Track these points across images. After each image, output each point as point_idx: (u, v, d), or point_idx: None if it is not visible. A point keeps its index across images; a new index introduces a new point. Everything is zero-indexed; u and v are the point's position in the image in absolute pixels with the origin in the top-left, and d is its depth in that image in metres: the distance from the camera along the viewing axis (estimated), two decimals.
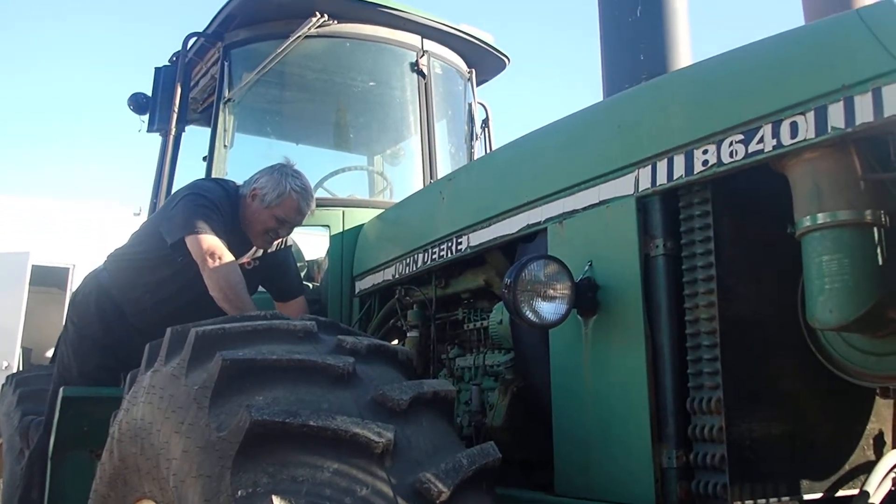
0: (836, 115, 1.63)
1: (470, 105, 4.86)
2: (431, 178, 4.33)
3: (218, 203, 3.21)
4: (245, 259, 3.37)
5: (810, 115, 1.68)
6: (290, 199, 3.30)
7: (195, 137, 4.82)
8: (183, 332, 2.04)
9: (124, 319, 3.37)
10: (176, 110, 4.24)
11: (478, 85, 5.00)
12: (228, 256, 3.06)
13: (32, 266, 11.09)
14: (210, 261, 2.99)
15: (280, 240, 3.52)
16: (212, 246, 3.03)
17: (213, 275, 3.00)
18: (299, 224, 3.48)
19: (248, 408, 1.61)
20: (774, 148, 1.75)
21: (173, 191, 4.41)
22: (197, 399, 1.76)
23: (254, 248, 3.47)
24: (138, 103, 4.52)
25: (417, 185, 4.37)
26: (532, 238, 2.49)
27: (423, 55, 4.45)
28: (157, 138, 4.70)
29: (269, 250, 3.53)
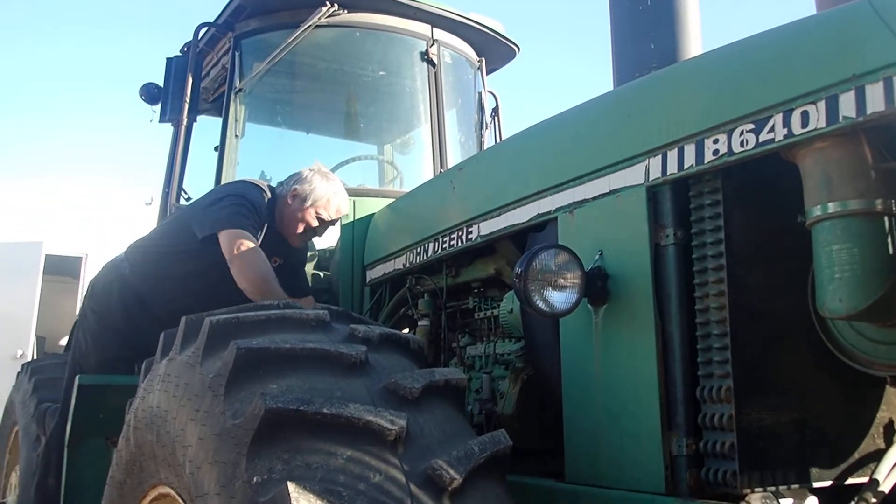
0: (847, 105, 1.63)
1: (480, 94, 4.86)
2: (441, 168, 4.34)
3: (256, 203, 3.26)
4: (275, 258, 3.40)
5: (821, 105, 1.68)
6: (334, 199, 3.42)
7: (207, 127, 4.84)
8: (197, 321, 2.06)
9: (146, 310, 3.40)
10: (187, 101, 4.27)
11: (488, 74, 4.99)
12: (257, 250, 3.09)
13: (46, 255, 11.16)
14: (238, 254, 3.02)
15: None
16: (242, 241, 3.07)
17: (241, 268, 3.02)
18: (334, 224, 3.58)
19: (262, 396, 1.63)
20: (785, 137, 1.75)
21: (185, 181, 4.45)
22: (212, 387, 1.79)
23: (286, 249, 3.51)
24: (150, 94, 4.54)
25: (427, 174, 4.39)
26: (542, 227, 2.50)
27: (432, 44, 4.45)
28: (169, 128, 4.74)
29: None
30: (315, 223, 3.41)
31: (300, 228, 3.41)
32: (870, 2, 1.66)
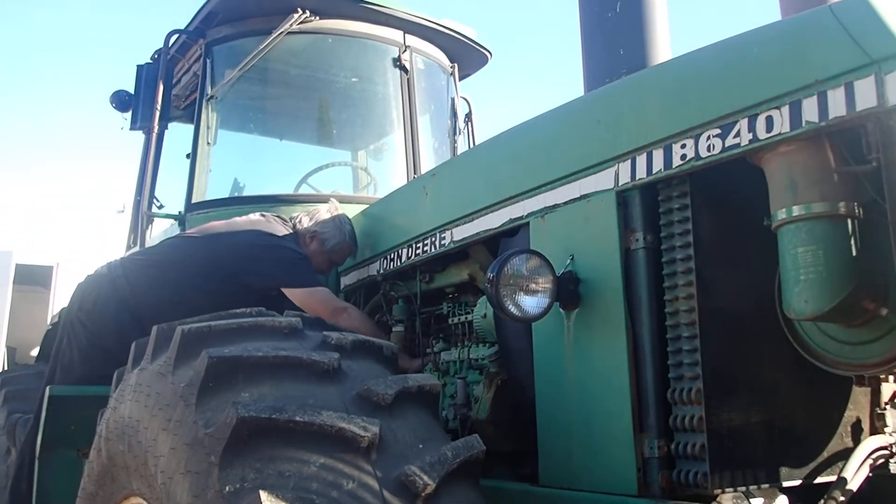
0: (810, 110, 1.66)
1: (453, 100, 4.88)
2: (415, 173, 4.35)
3: (299, 250, 3.46)
4: None
5: (785, 110, 1.71)
6: (346, 245, 3.59)
7: (178, 135, 4.82)
8: (169, 330, 2.05)
9: (144, 333, 3.35)
10: (158, 108, 4.24)
11: (460, 79, 5.02)
12: (352, 308, 3.36)
13: (16, 265, 10.99)
14: (336, 318, 3.13)
15: None
16: (333, 302, 3.33)
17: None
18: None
19: (234, 404, 1.62)
20: (751, 142, 1.78)
21: (157, 189, 4.41)
22: (184, 396, 1.78)
23: None
24: (121, 101, 4.51)
25: (401, 180, 4.39)
26: (515, 232, 2.51)
27: (405, 50, 4.47)
28: (140, 136, 4.70)
29: None
30: (326, 266, 3.63)
31: (315, 265, 3.55)
32: (831, 9, 1.70)
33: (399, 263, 3.16)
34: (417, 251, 3.02)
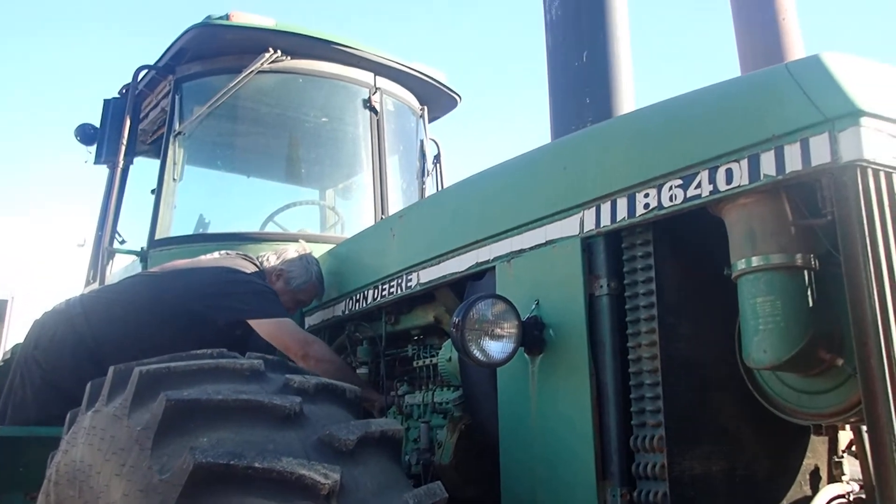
0: (767, 164, 1.71)
1: (422, 141, 4.92)
2: (383, 213, 4.36)
3: (269, 288, 3.43)
4: None
5: (744, 163, 1.75)
6: (313, 285, 3.57)
7: (143, 169, 4.78)
8: (126, 370, 2.01)
9: (101, 373, 3.27)
10: (125, 143, 4.20)
11: (430, 122, 5.07)
12: (321, 341, 3.32)
13: None
14: (305, 350, 3.14)
15: None
16: (302, 334, 3.30)
17: (316, 365, 3.07)
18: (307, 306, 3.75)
19: (191, 450, 1.59)
20: (711, 193, 1.82)
21: (119, 223, 4.35)
22: (139, 440, 1.74)
23: None
24: (86, 134, 4.47)
25: (369, 220, 4.40)
26: (481, 276, 2.52)
27: (375, 92, 4.51)
28: (104, 169, 4.65)
29: None
30: (292, 304, 3.59)
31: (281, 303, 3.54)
32: (787, 67, 1.75)
33: (365, 304, 3.15)
34: (383, 292, 3.01)
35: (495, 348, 2.11)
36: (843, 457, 2.12)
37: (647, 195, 1.97)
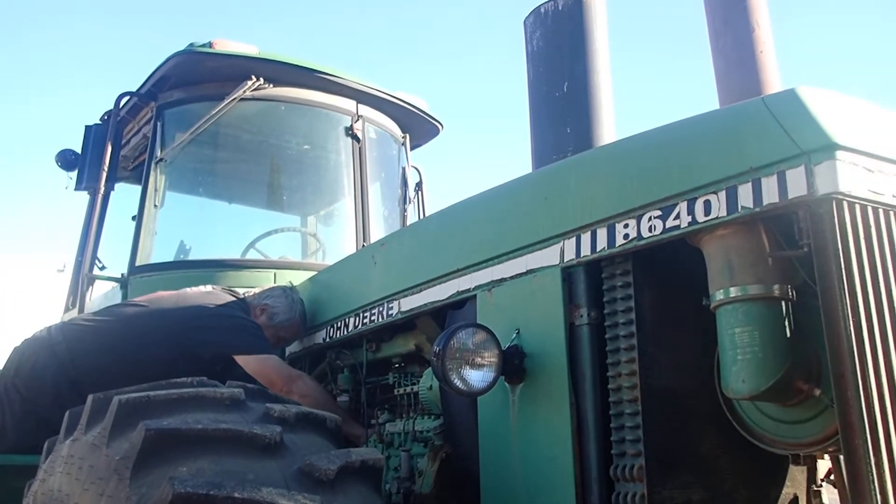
0: (745, 195, 1.74)
1: (403, 169, 4.95)
2: (364, 240, 4.37)
3: (254, 323, 3.42)
4: None
5: (722, 195, 1.78)
6: (295, 323, 3.52)
7: (124, 195, 4.76)
8: (105, 399, 1.99)
9: (81, 401, 3.23)
10: (106, 169, 4.19)
11: (412, 149, 5.10)
12: (306, 376, 3.30)
13: None
14: (290, 386, 3.12)
15: None
16: (287, 369, 3.28)
17: (300, 400, 2.99)
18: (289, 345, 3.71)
19: (170, 479, 1.58)
20: (690, 224, 1.84)
21: (99, 250, 4.32)
22: (118, 470, 1.72)
23: None
24: (66, 160, 4.45)
25: (350, 247, 4.40)
26: (462, 304, 2.53)
27: (357, 120, 4.54)
28: (83, 195, 4.63)
29: None
30: (274, 340, 3.53)
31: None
32: (763, 101, 1.79)
33: (346, 332, 3.14)
34: (365, 320, 3.01)
35: (476, 377, 2.12)
36: (821, 486, 2.13)
37: (626, 225, 1.99)
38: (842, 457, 1.85)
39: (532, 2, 3.11)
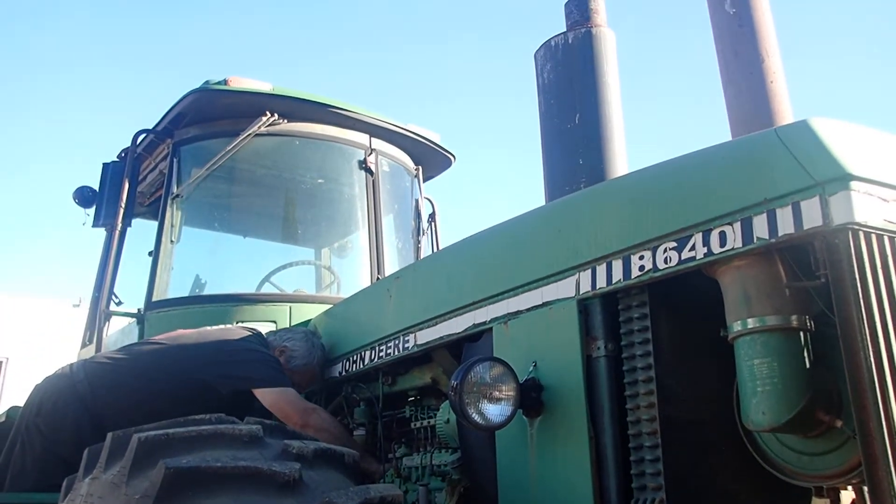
0: (760, 227, 1.74)
1: (417, 201, 4.97)
2: (378, 273, 4.38)
3: (272, 356, 3.42)
4: None
5: (737, 226, 1.78)
6: (311, 370, 3.51)
7: (140, 230, 4.80)
8: (125, 437, 2.00)
9: (103, 440, 3.23)
10: (123, 206, 4.23)
11: (425, 181, 5.13)
12: (321, 409, 3.29)
13: None
14: (305, 420, 3.12)
15: None
16: (303, 403, 3.27)
17: (316, 434, 3.01)
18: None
19: None
20: (705, 255, 1.84)
21: (116, 285, 4.35)
22: None
23: None
24: (84, 197, 4.50)
25: (364, 279, 4.41)
26: (478, 337, 2.53)
27: (370, 153, 4.57)
28: (99, 231, 4.68)
29: None
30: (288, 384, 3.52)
31: None
32: (776, 132, 1.80)
33: (362, 365, 3.14)
34: (381, 353, 3.01)
35: (494, 411, 2.11)
36: None
37: (642, 257, 1.99)
38: (866, 489, 1.83)
39: (542, 35, 3.15)
